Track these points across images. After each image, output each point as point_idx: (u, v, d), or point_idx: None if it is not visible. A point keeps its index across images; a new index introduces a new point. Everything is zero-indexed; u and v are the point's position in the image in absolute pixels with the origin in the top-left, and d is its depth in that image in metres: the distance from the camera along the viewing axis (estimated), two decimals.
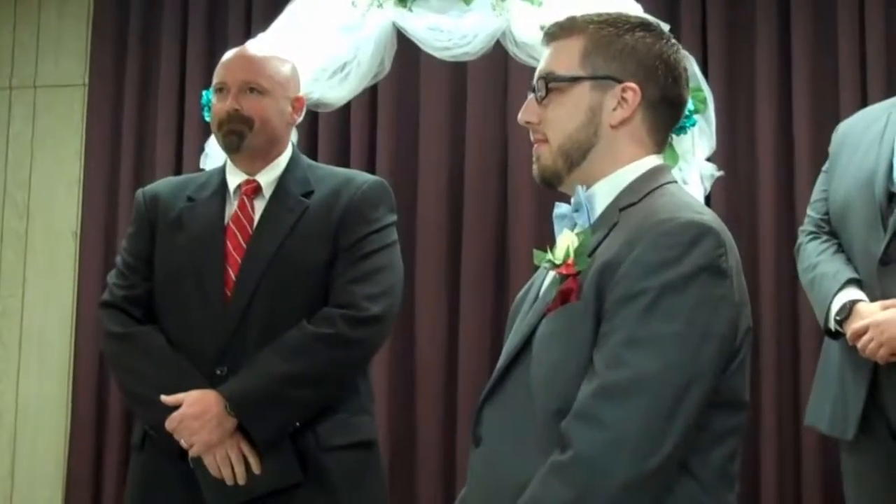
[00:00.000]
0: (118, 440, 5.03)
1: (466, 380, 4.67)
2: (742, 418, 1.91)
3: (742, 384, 1.89)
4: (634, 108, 1.97)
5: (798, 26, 4.59)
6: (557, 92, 2.00)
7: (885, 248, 2.94)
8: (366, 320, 2.77)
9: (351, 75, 4.11)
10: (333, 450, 2.77)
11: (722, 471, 1.86)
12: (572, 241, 1.92)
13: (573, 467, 1.74)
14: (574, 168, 2.00)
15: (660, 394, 1.74)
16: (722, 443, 1.86)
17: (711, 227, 1.83)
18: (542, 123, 2.02)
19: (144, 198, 3.00)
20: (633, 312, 1.78)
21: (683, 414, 1.75)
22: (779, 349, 4.46)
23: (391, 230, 2.93)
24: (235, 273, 2.81)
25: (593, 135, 1.98)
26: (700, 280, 1.78)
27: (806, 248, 3.22)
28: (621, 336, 1.78)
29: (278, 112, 2.93)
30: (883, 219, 2.96)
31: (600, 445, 1.74)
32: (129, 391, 2.86)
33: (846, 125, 3.29)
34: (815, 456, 4.36)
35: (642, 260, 1.80)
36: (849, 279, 3.03)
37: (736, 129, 4.64)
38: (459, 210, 4.84)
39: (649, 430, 1.73)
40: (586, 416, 1.76)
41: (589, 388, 1.78)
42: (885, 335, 2.88)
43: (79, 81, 5.43)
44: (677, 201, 1.92)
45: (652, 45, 2.00)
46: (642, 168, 1.99)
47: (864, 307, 2.96)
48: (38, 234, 5.41)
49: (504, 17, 4.01)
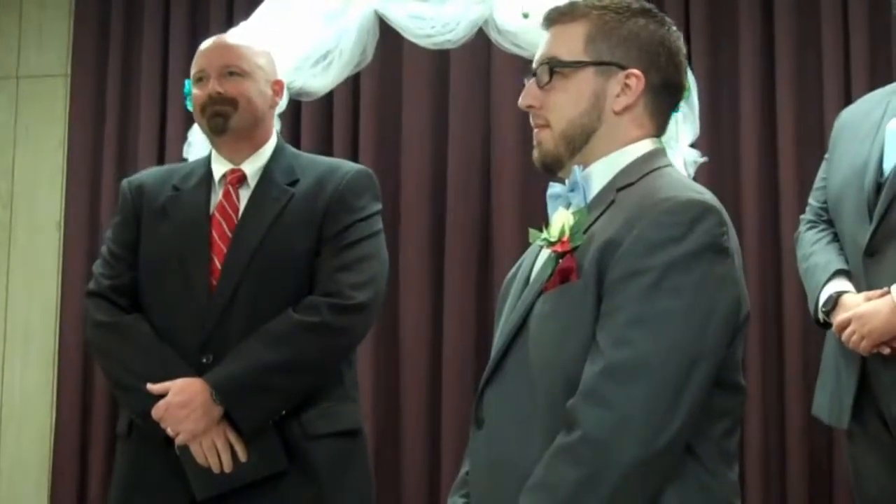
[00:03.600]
0: (103, 431, 5.02)
1: (451, 368, 4.68)
2: (740, 399, 1.92)
3: (735, 365, 1.90)
4: (638, 94, 1.98)
5: (781, 12, 4.59)
6: (561, 77, 2.00)
7: (870, 239, 2.94)
8: (351, 308, 2.77)
9: (333, 64, 4.11)
10: (318, 438, 2.77)
11: (722, 449, 1.87)
12: (568, 219, 1.93)
13: (581, 448, 1.75)
14: (576, 153, 2.00)
15: (666, 373, 1.75)
16: (719, 421, 1.87)
17: (713, 206, 1.85)
18: (544, 108, 2.01)
19: (130, 187, 3.00)
20: (637, 291, 1.78)
21: (690, 392, 1.76)
22: (763, 335, 4.47)
23: (376, 219, 2.93)
24: (221, 262, 2.81)
25: (596, 120, 1.99)
26: (704, 258, 1.79)
27: (803, 237, 3.22)
28: (626, 315, 1.78)
29: (259, 93, 2.93)
30: (870, 209, 2.94)
31: (608, 425, 1.74)
32: (115, 380, 2.85)
33: (847, 112, 3.26)
34: (801, 443, 4.36)
35: (644, 238, 1.80)
36: (837, 270, 3.03)
37: (719, 114, 4.64)
38: (443, 199, 4.84)
39: (657, 409, 1.74)
40: (593, 396, 1.76)
41: (594, 368, 1.78)
42: (866, 328, 2.88)
43: (61, 72, 5.42)
44: (676, 182, 1.93)
45: (654, 32, 2.01)
46: (640, 150, 1.99)
47: (849, 299, 2.96)
48: (22, 225, 5.40)
49: (486, 4, 4.01)
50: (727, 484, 1.88)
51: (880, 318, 2.85)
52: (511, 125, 4.64)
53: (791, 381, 4.37)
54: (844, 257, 3.06)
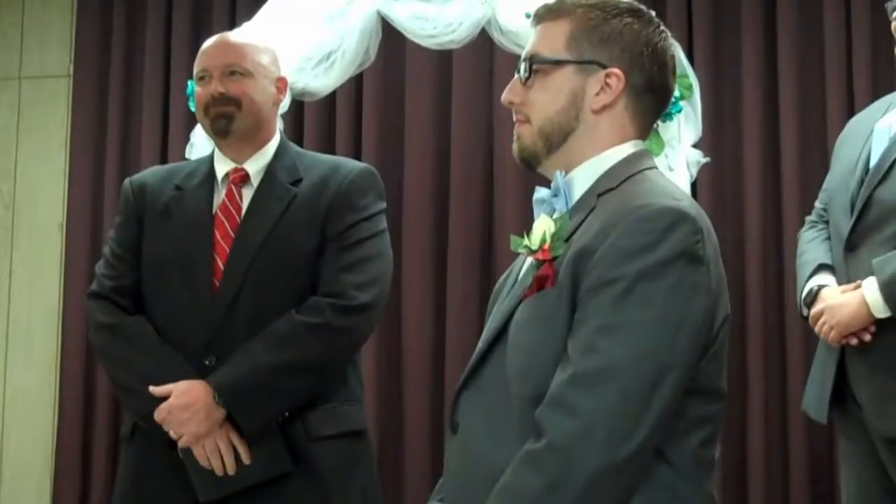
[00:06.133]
0: (105, 432, 5.02)
1: (454, 368, 4.67)
2: (719, 407, 1.89)
3: (718, 372, 1.88)
4: (617, 94, 1.96)
5: (784, 13, 4.60)
6: (541, 74, 1.99)
7: (850, 234, 2.99)
8: (354, 309, 2.76)
9: (336, 64, 4.10)
10: (323, 440, 2.76)
11: (698, 458, 1.84)
12: (549, 227, 1.91)
13: (546, 455, 1.74)
14: (553, 150, 1.99)
15: (633, 381, 1.73)
16: (697, 430, 1.85)
17: (688, 214, 1.81)
18: (525, 104, 2.01)
19: (132, 187, 2.99)
20: (608, 299, 1.77)
21: (657, 402, 1.74)
22: (765, 334, 4.48)
23: (380, 218, 2.92)
24: (224, 262, 2.80)
25: (574, 119, 1.97)
26: (676, 267, 1.77)
27: (802, 236, 3.27)
28: (595, 323, 1.77)
29: (263, 92, 2.92)
30: (853, 205, 3.00)
31: (573, 433, 1.73)
32: (118, 382, 2.85)
33: (852, 120, 3.33)
34: (803, 441, 4.37)
35: (618, 246, 1.78)
36: (820, 265, 3.09)
37: (722, 115, 4.65)
38: (446, 198, 4.84)
39: (622, 417, 1.72)
40: (559, 404, 1.76)
41: (563, 375, 1.77)
42: (834, 319, 2.94)
43: (63, 72, 5.42)
44: (654, 187, 1.90)
45: (639, 32, 1.98)
46: (622, 154, 1.98)
47: (827, 292, 3.02)
48: (24, 226, 5.40)
49: (489, 4, 4.01)
50: (702, 493, 1.86)
51: (848, 309, 2.92)
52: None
53: (793, 381, 4.37)
54: (833, 253, 3.10)
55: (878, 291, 2.86)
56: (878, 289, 2.87)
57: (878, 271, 2.87)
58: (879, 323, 2.90)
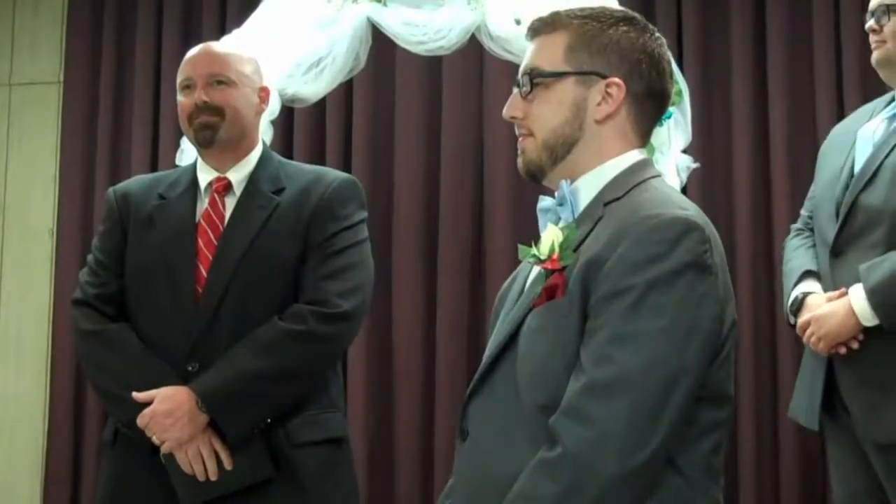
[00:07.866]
0: (96, 437, 5.02)
1: (444, 375, 4.68)
2: (727, 412, 1.92)
3: (727, 378, 1.91)
4: (619, 102, 1.98)
5: (773, 18, 4.61)
6: (542, 87, 2.00)
7: (835, 239, 3.00)
8: (336, 317, 2.77)
9: (326, 70, 4.11)
10: (304, 446, 2.77)
11: (707, 464, 1.87)
12: (557, 236, 1.93)
13: (561, 463, 1.76)
14: (558, 162, 2.01)
15: (646, 390, 1.76)
16: (707, 437, 1.87)
17: (697, 224, 1.84)
18: (527, 118, 2.02)
19: (115, 196, 3.00)
20: (620, 309, 1.79)
21: (670, 410, 1.76)
22: (756, 340, 4.49)
23: (361, 227, 2.93)
24: (207, 270, 2.81)
25: (578, 129, 1.98)
26: (686, 276, 1.79)
27: (788, 244, 3.28)
28: (608, 333, 1.79)
29: (246, 102, 2.93)
30: (838, 211, 3.00)
31: (588, 442, 1.75)
32: (101, 388, 2.86)
33: (837, 126, 3.34)
34: (793, 447, 4.38)
35: (628, 256, 1.80)
36: (806, 271, 3.09)
37: (712, 120, 4.65)
38: (436, 204, 4.84)
39: (636, 426, 1.75)
40: (574, 413, 1.78)
41: (576, 384, 1.79)
42: (822, 330, 2.94)
43: (54, 79, 5.43)
44: (661, 196, 1.92)
45: (636, 40, 2.00)
46: (626, 162, 1.99)
47: (813, 300, 3.02)
48: (14, 232, 5.41)
49: (479, 11, 4.02)
50: (711, 498, 1.88)
51: (836, 319, 2.91)
52: (504, 131, 4.62)
53: (784, 387, 4.37)
54: (819, 260, 3.10)
55: (865, 299, 2.87)
56: (865, 297, 2.87)
57: (865, 279, 2.87)
58: (867, 330, 2.90)
